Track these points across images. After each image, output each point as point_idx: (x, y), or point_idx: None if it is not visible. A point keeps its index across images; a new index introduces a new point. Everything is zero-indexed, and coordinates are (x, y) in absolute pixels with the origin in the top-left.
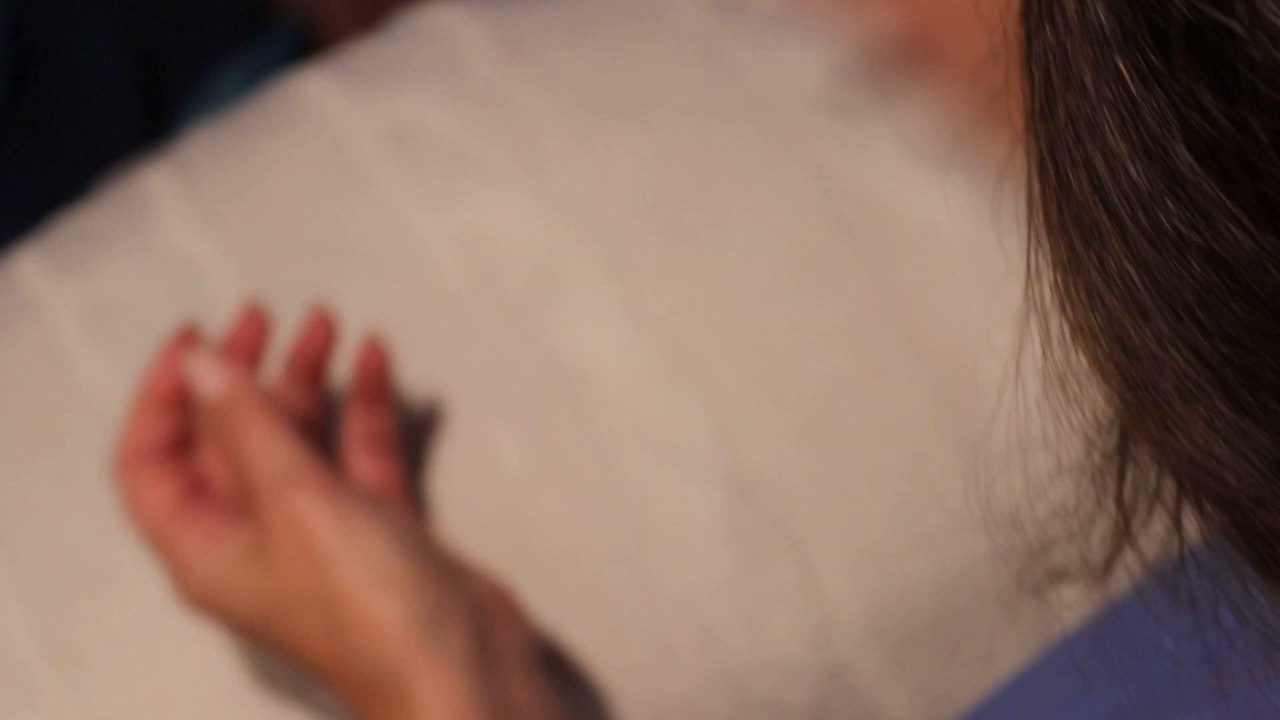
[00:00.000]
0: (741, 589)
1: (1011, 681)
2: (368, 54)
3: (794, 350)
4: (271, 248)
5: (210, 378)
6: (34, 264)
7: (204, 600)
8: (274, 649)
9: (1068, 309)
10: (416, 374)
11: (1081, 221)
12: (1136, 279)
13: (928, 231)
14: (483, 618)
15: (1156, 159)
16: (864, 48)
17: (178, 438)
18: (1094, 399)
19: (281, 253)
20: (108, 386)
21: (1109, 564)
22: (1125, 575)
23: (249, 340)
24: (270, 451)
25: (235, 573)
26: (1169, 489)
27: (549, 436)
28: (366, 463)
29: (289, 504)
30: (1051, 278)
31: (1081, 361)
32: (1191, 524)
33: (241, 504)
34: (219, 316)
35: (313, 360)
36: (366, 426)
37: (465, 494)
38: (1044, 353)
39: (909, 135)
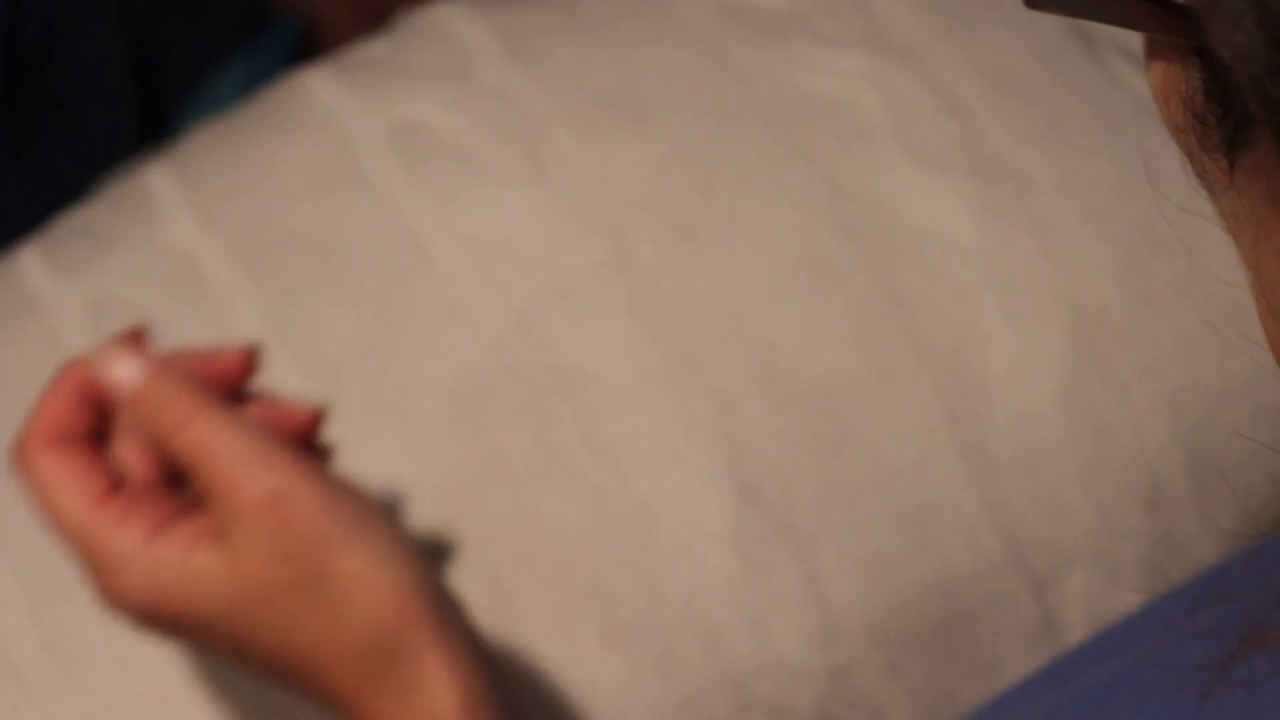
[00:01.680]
0: (745, 591)
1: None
2: (370, 53)
3: (798, 352)
4: (273, 246)
5: (125, 366)
6: (36, 262)
7: (146, 599)
8: (236, 646)
9: None
10: (418, 374)
11: None
12: None
13: (932, 234)
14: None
15: None
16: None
17: (94, 434)
18: None
19: (283, 251)
20: None
21: None
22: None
23: (226, 368)
24: (228, 435)
25: (190, 566)
26: None
27: (552, 438)
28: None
29: (263, 486)
30: None
31: None
32: None
33: (171, 504)
34: (220, 315)
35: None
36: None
37: (469, 495)
38: None
39: (914, 137)
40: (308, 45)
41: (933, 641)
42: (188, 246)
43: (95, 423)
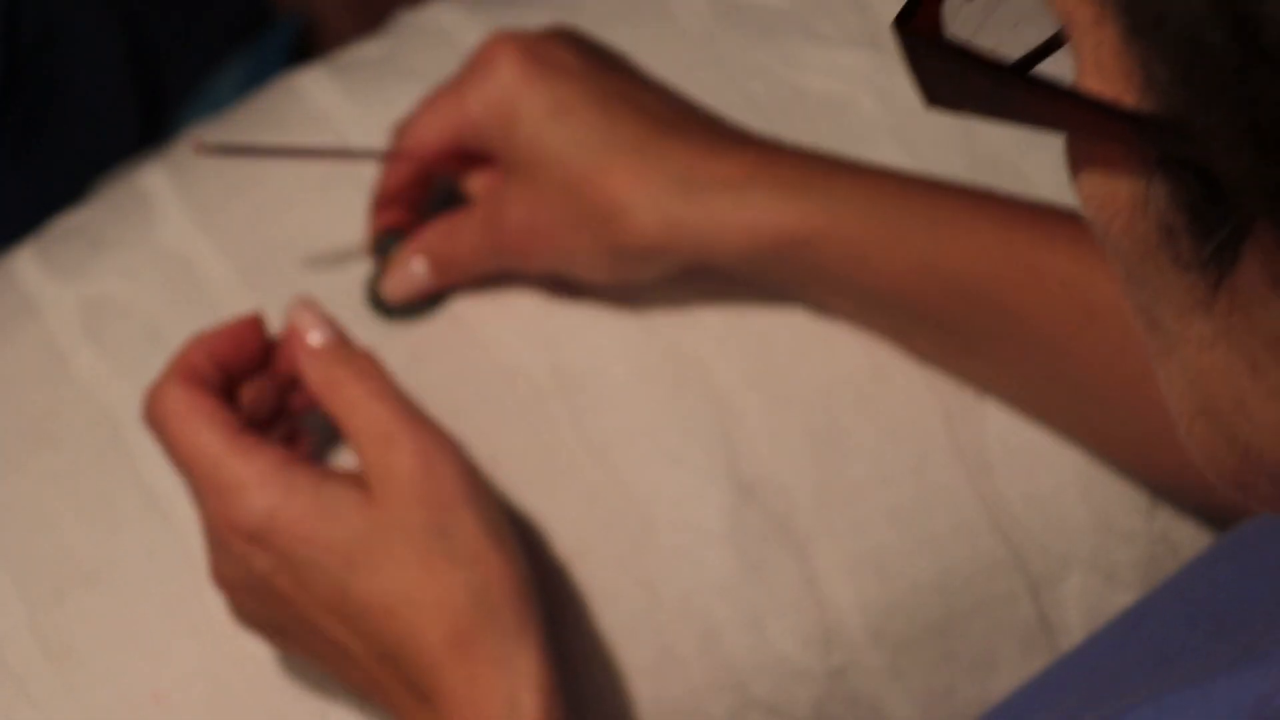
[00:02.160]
0: (743, 590)
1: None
2: (366, 53)
3: (795, 351)
4: (270, 247)
5: (321, 327)
6: (33, 263)
7: (266, 518)
8: (343, 579)
9: None
10: (417, 377)
11: None
12: None
13: None
14: None
15: None
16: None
17: (224, 391)
18: None
19: (280, 252)
20: (105, 385)
21: None
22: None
23: None
24: (393, 393)
25: (325, 491)
26: None
27: (551, 438)
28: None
29: (418, 441)
30: None
31: None
32: None
33: (293, 453)
34: (216, 316)
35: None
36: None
37: None
38: None
39: (911, 136)
40: (307, 45)
41: (930, 641)
42: (183, 247)
43: (224, 383)
